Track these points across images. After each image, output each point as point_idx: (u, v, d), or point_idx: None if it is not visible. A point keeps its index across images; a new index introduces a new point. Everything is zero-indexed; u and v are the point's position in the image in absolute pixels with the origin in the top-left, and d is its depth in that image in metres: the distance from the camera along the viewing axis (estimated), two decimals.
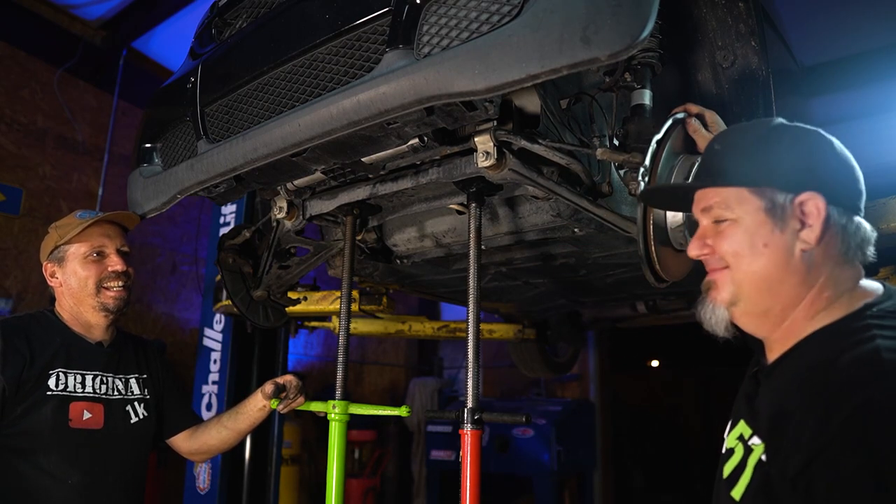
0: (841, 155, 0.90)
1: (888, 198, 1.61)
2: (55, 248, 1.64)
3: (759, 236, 0.88)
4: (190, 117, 1.67)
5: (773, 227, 0.88)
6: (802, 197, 0.86)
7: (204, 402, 3.70)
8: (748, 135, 0.95)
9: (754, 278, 0.89)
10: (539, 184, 1.47)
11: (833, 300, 0.86)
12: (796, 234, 0.86)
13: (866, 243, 0.89)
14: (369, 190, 1.70)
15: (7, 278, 4.18)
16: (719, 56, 1.59)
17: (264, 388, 1.73)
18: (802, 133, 0.91)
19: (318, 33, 1.36)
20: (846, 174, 0.89)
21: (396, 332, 3.39)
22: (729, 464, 0.91)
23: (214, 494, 3.46)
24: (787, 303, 0.88)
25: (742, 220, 0.90)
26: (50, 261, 1.66)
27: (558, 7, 1.02)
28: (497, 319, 3.73)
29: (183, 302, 5.35)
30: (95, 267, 1.63)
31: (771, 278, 0.88)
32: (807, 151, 0.89)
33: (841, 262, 0.87)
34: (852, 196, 0.89)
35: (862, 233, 0.89)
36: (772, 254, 0.88)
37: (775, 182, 0.88)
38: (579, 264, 2.17)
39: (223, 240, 2.13)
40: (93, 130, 4.86)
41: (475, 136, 1.39)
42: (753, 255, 0.88)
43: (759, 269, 0.88)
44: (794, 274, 0.87)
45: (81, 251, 1.63)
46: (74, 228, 1.62)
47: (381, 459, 6.39)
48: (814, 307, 0.87)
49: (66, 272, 1.63)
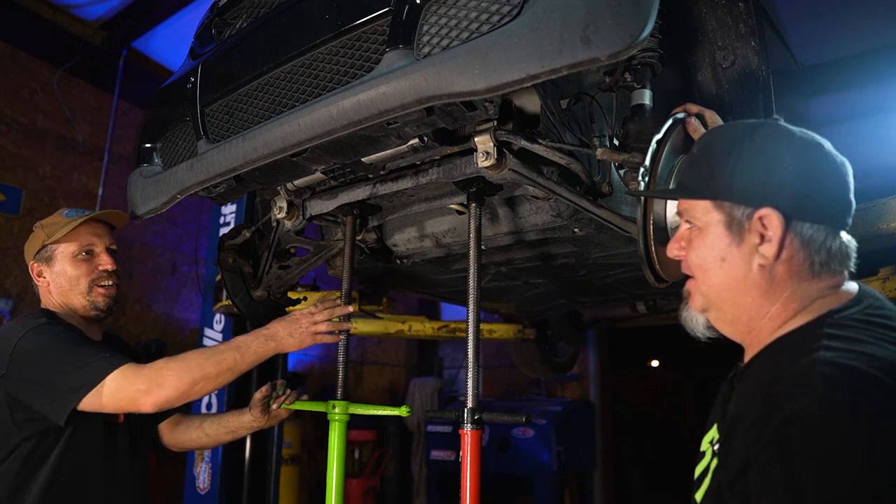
0: (816, 163, 0.86)
1: (888, 198, 1.61)
2: (42, 247, 1.62)
3: (718, 250, 0.89)
4: (190, 117, 1.67)
5: (730, 241, 0.88)
6: (761, 212, 0.85)
7: (204, 402, 3.70)
8: (718, 142, 0.93)
9: (716, 290, 0.91)
10: (539, 184, 1.47)
11: (800, 311, 0.85)
12: (755, 248, 0.85)
13: (842, 254, 0.86)
14: (369, 190, 1.70)
15: (7, 278, 4.18)
16: (719, 56, 1.59)
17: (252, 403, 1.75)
18: (771, 141, 0.88)
19: (317, 33, 1.36)
20: (818, 185, 0.85)
21: (396, 332, 3.39)
22: (699, 466, 0.92)
23: (214, 494, 3.46)
24: (751, 314, 0.88)
25: (706, 231, 0.91)
26: (37, 260, 1.64)
27: (558, 7, 1.02)
28: (497, 319, 3.73)
29: (183, 302, 5.35)
30: (86, 266, 1.63)
31: (731, 291, 0.89)
32: (771, 163, 0.86)
33: (808, 276, 0.85)
34: (824, 207, 0.85)
35: (836, 243, 0.86)
36: (730, 268, 0.88)
37: (733, 196, 0.87)
38: (579, 264, 2.17)
39: (223, 240, 2.13)
40: (93, 130, 4.86)
41: (475, 136, 1.39)
42: (713, 270, 0.90)
43: (718, 283, 0.90)
44: (754, 288, 0.87)
45: (70, 250, 1.62)
46: (63, 227, 1.61)
47: (381, 459, 6.39)
48: (779, 318, 0.87)
49: (55, 271, 1.62)
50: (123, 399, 1.42)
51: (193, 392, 1.47)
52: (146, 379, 1.43)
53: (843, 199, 0.86)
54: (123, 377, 1.42)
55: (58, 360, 1.43)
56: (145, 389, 1.42)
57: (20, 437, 1.44)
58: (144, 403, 1.43)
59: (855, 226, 1.62)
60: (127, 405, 1.44)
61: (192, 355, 1.51)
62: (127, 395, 1.42)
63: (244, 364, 1.54)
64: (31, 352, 1.45)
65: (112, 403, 1.42)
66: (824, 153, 0.87)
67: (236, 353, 1.53)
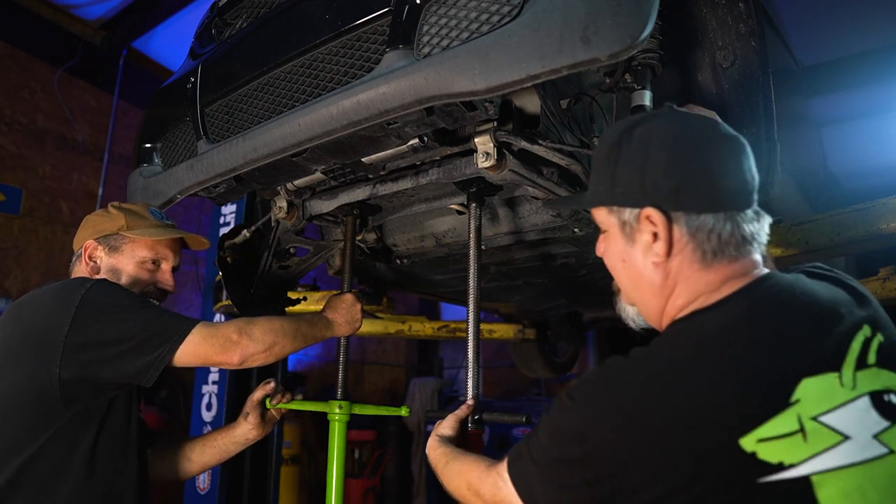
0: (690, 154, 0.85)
1: (888, 198, 1.61)
2: (115, 233, 1.48)
3: (619, 252, 0.92)
4: (190, 117, 1.67)
5: (625, 243, 0.91)
6: (646, 211, 0.86)
7: (204, 403, 3.70)
8: (601, 147, 0.94)
9: (626, 289, 0.96)
10: (539, 184, 1.47)
11: (684, 307, 0.86)
12: (649, 247, 0.87)
13: (736, 238, 0.84)
14: (369, 190, 1.70)
15: (7, 278, 4.18)
16: (719, 56, 1.59)
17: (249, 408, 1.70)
18: (644, 140, 0.87)
19: (318, 33, 1.36)
20: (694, 175, 0.84)
21: (396, 332, 3.39)
22: None
23: (214, 494, 3.46)
24: (656, 310, 0.91)
25: (609, 235, 0.94)
26: (100, 242, 1.48)
27: (558, 7, 1.02)
28: (497, 319, 3.73)
29: (183, 302, 5.35)
30: (148, 276, 1.52)
31: (636, 290, 0.93)
32: (645, 162, 0.86)
33: (700, 267, 0.85)
34: (705, 195, 0.84)
35: (727, 228, 0.84)
36: (630, 268, 0.91)
37: (616, 201, 0.89)
38: (579, 264, 2.17)
39: (223, 239, 2.13)
40: (93, 130, 4.86)
41: (475, 136, 1.39)
42: (619, 270, 0.94)
43: (625, 282, 0.95)
44: (652, 286, 0.89)
45: (142, 254, 1.50)
46: (149, 228, 1.50)
47: (381, 459, 6.39)
48: (669, 316, 0.89)
49: (113, 264, 1.48)
50: (214, 347, 1.34)
51: (275, 350, 1.42)
52: (237, 329, 1.37)
53: (728, 181, 0.84)
54: (212, 327, 1.36)
55: (140, 311, 1.32)
56: (237, 339, 1.36)
57: (65, 416, 1.28)
58: (233, 354, 1.36)
59: (855, 226, 1.63)
60: (217, 354, 1.35)
61: (273, 317, 1.47)
62: (218, 343, 1.34)
63: (312, 338, 1.55)
64: (105, 304, 1.30)
65: (202, 352, 1.33)
66: (703, 139, 0.86)
67: (309, 326, 1.54)
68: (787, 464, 0.70)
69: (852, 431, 0.72)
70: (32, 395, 1.26)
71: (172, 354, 1.31)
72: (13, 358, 1.29)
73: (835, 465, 0.70)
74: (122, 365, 1.28)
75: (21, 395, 1.27)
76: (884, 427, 0.74)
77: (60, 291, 1.33)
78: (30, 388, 1.26)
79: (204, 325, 1.36)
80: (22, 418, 1.27)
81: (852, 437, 0.72)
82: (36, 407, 1.27)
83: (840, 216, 1.67)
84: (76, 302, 1.28)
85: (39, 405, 1.26)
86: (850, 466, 0.71)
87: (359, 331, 1.74)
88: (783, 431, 0.71)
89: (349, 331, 1.70)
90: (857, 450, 0.71)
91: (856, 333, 0.79)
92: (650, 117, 0.91)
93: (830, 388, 0.74)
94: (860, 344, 0.78)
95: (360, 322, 1.71)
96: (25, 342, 1.29)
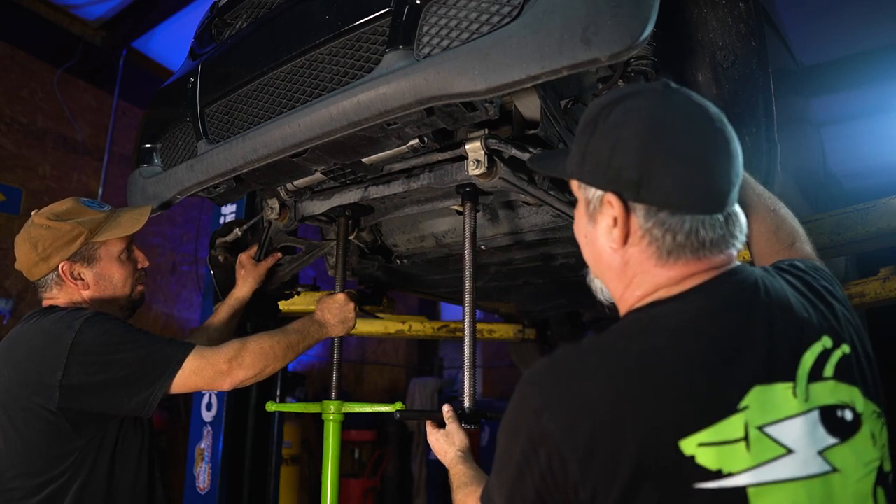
0: (666, 144, 0.77)
1: (888, 198, 1.61)
2: (85, 244, 1.45)
3: (582, 227, 0.89)
4: (190, 118, 1.67)
5: (587, 221, 0.87)
6: (607, 196, 0.81)
7: (204, 403, 3.70)
8: (585, 116, 0.87)
9: (589, 263, 0.93)
10: (529, 192, 1.47)
11: (643, 298, 0.82)
12: (609, 230, 0.83)
13: (693, 242, 0.78)
14: (361, 193, 1.71)
15: (7, 278, 4.18)
16: (719, 56, 1.59)
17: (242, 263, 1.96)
18: (622, 120, 0.80)
19: (318, 34, 1.36)
20: (664, 168, 0.77)
21: (396, 332, 3.38)
22: None
23: (214, 494, 3.46)
24: (614, 292, 0.88)
25: (578, 207, 0.90)
26: (74, 260, 1.45)
27: (558, 8, 1.02)
28: (497, 319, 3.73)
29: (183, 302, 5.35)
30: (130, 266, 1.55)
31: (597, 268, 0.91)
32: (616, 144, 0.79)
33: (656, 262, 0.80)
34: (670, 191, 0.77)
35: (685, 229, 0.78)
36: (591, 246, 0.89)
37: (584, 178, 0.85)
38: (579, 264, 2.16)
39: (214, 236, 2.11)
40: (93, 130, 4.86)
41: (466, 143, 1.39)
42: (582, 244, 0.91)
43: (587, 257, 0.92)
44: (610, 268, 0.86)
45: (116, 249, 1.51)
46: (108, 224, 1.48)
47: (381, 459, 6.39)
48: (627, 303, 0.85)
49: (98, 273, 1.48)
50: (204, 378, 1.40)
51: (265, 372, 1.50)
52: (227, 359, 1.43)
53: (698, 181, 0.77)
54: (203, 357, 1.40)
55: (132, 347, 1.35)
56: (227, 370, 1.42)
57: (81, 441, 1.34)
58: (223, 383, 1.43)
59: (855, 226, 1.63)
60: (207, 384, 1.42)
61: (264, 338, 1.51)
62: (208, 374, 1.40)
63: (304, 347, 1.60)
64: (97, 345, 1.32)
65: (192, 383, 1.39)
66: (682, 130, 0.79)
67: (299, 337, 1.59)
68: (727, 472, 0.68)
69: (797, 445, 0.70)
70: (43, 428, 1.32)
71: (166, 388, 1.37)
72: (12, 397, 1.35)
73: (774, 478, 0.68)
74: (118, 403, 1.34)
75: (36, 433, 1.32)
76: (830, 444, 0.72)
77: (49, 335, 1.35)
78: (38, 424, 1.32)
79: (195, 356, 1.40)
80: (41, 451, 1.33)
81: (796, 451, 0.70)
82: (49, 438, 1.32)
83: (840, 216, 1.67)
84: (67, 347, 1.31)
85: (52, 437, 1.32)
86: (789, 481, 0.69)
87: (359, 331, 1.75)
88: (727, 438, 0.69)
89: (343, 330, 1.71)
90: (799, 465, 0.70)
91: (812, 344, 0.76)
92: (636, 94, 0.83)
93: (782, 398, 0.71)
94: (815, 356, 0.75)
95: (354, 321, 1.72)
96: (23, 387, 1.33)
